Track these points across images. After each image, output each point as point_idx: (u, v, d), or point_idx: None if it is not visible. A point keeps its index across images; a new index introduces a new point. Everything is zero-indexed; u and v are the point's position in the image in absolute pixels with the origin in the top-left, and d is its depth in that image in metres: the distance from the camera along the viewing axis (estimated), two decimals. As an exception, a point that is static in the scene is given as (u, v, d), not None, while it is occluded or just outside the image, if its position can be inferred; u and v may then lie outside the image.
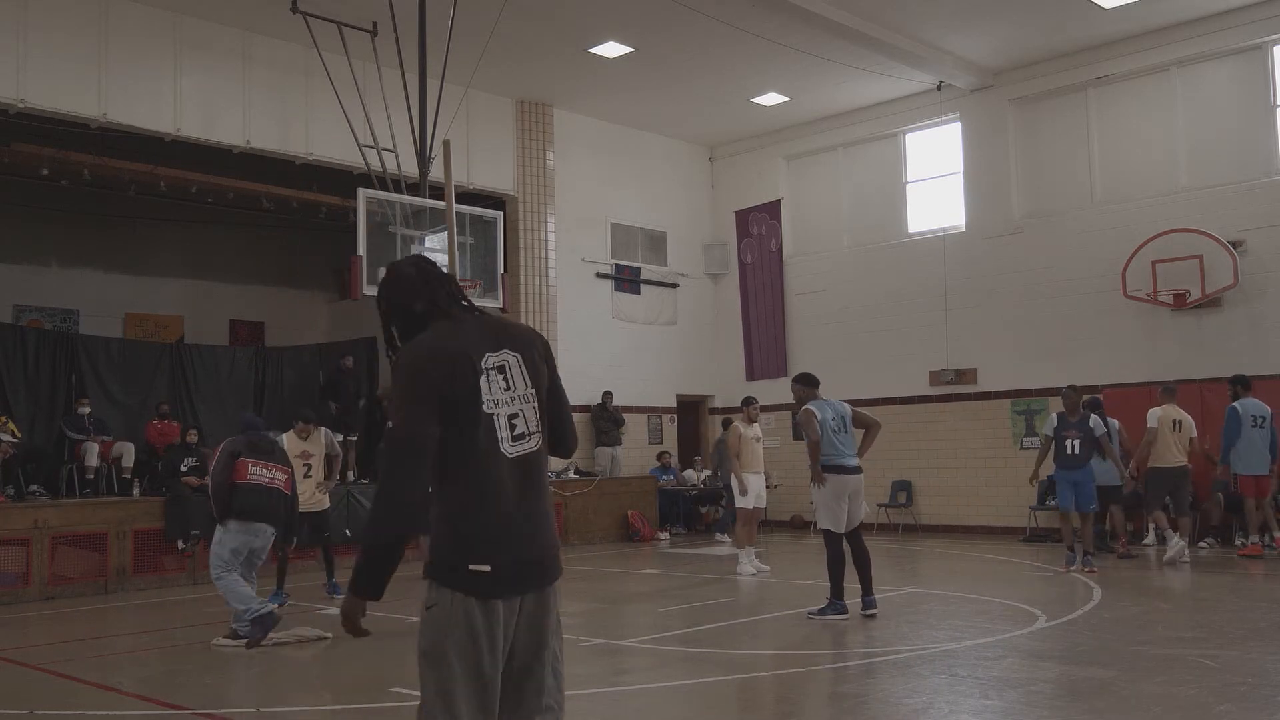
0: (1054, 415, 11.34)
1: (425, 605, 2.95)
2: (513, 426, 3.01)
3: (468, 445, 2.94)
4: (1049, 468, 11.44)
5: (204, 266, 19.28)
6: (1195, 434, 12.34)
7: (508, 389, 3.03)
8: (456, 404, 2.93)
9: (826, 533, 8.62)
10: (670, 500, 17.27)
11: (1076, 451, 10.94)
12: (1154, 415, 12.03)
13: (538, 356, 3.14)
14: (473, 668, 2.90)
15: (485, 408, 2.97)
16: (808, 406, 8.76)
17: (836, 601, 8.50)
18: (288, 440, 10.03)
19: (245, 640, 7.66)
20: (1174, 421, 12.02)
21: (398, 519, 2.87)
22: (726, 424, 17.10)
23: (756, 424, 12.04)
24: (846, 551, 8.57)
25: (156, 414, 14.27)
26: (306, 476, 9.87)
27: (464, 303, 3.20)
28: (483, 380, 2.98)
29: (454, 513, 2.95)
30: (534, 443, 3.05)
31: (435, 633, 2.92)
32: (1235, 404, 12.19)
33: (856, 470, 8.64)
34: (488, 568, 2.90)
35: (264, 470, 7.94)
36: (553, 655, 3.08)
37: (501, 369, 3.04)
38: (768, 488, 12.70)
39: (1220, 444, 12.22)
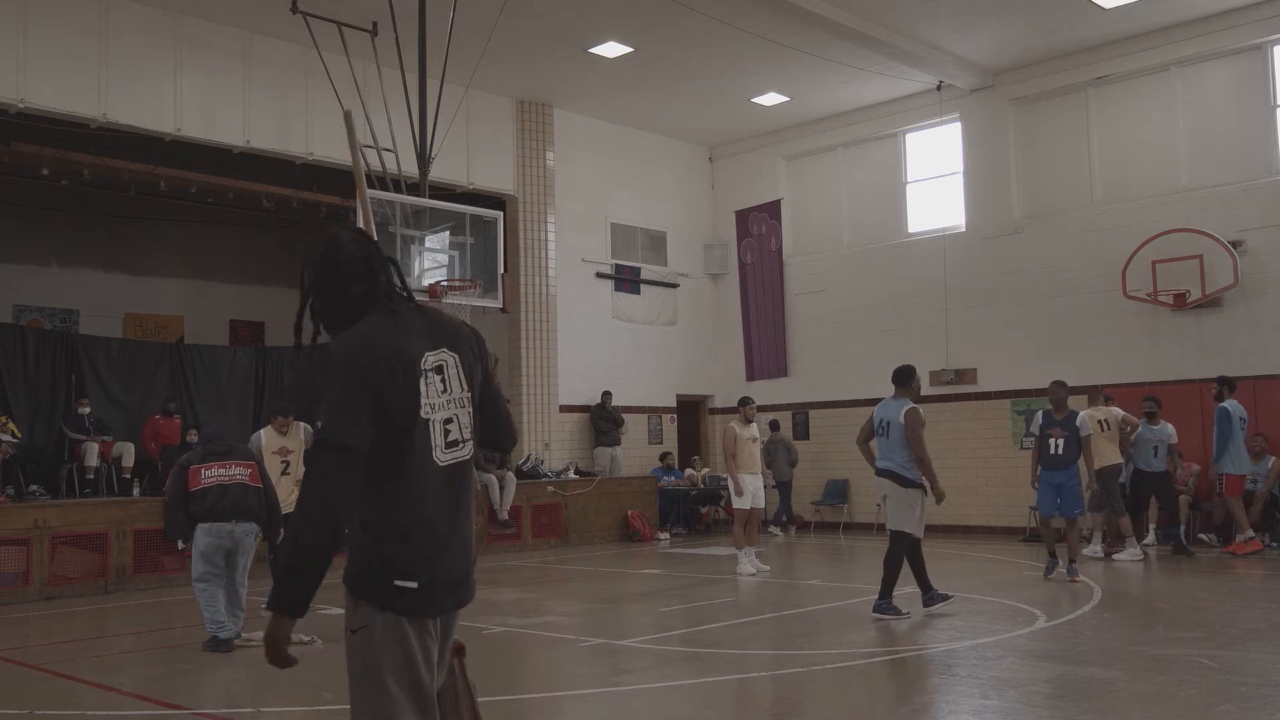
0: (1040, 413, 10.96)
1: (353, 626, 2.71)
2: (447, 433, 2.77)
3: (401, 453, 2.69)
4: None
5: (204, 266, 19.28)
6: (1124, 427, 12.57)
7: (444, 391, 2.78)
8: (394, 408, 2.67)
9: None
10: (670, 500, 17.26)
11: (1060, 451, 10.47)
12: (1082, 419, 12.08)
13: (473, 355, 2.90)
14: (412, 688, 2.71)
15: (423, 412, 2.72)
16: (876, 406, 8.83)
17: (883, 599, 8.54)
18: (265, 436, 9.47)
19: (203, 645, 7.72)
20: (1100, 423, 12.04)
21: (327, 527, 2.61)
22: (776, 426, 17.22)
23: (753, 424, 11.97)
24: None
25: (162, 411, 14.20)
26: (285, 474, 9.30)
27: (404, 293, 2.89)
28: (422, 382, 2.73)
29: (383, 525, 2.70)
30: (466, 450, 2.83)
31: (369, 656, 2.69)
32: (1225, 404, 12.27)
33: (880, 473, 8.68)
34: (415, 584, 2.69)
35: (220, 470, 7.78)
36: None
37: (440, 369, 2.79)
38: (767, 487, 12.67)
39: (1219, 445, 12.30)
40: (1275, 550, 12.60)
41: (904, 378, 8.84)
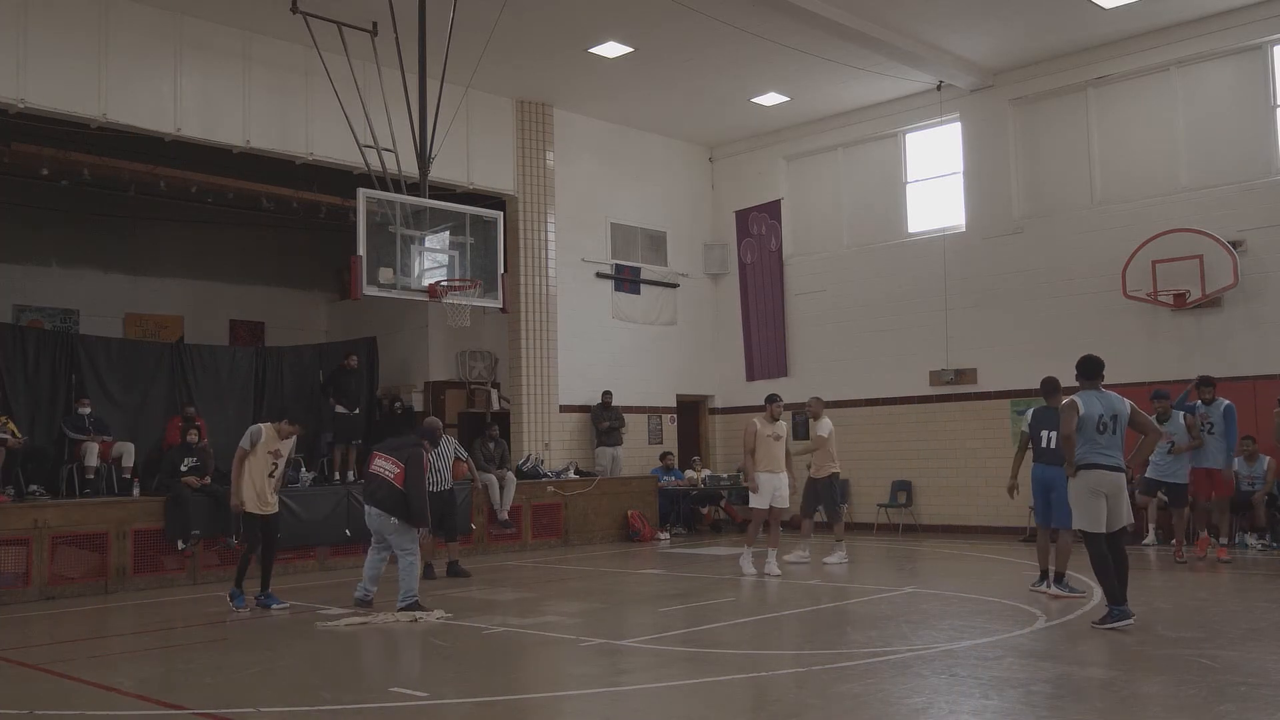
0: (1030, 410, 10.21)
1: None
2: None
3: None
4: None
5: (204, 266, 19.29)
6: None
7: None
8: None
9: (1084, 533, 7.96)
10: (670, 500, 17.26)
11: (1053, 445, 9.35)
12: (826, 426, 12.66)
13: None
14: None
15: None
16: (1072, 398, 8.08)
17: (1115, 608, 7.75)
18: (265, 432, 9.58)
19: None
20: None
21: None
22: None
23: (779, 422, 11.56)
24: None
25: (182, 417, 14.06)
26: (271, 475, 9.56)
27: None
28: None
29: None
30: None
31: None
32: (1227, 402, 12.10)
33: (1115, 469, 7.90)
34: None
35: (382, 463, 9.28)
36: None
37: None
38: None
39: (1230, 444, 11.98)
40: (1276, 551, 12.62)
41: (1089, 368, 8.31)
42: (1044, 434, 9.62)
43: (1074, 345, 14.85)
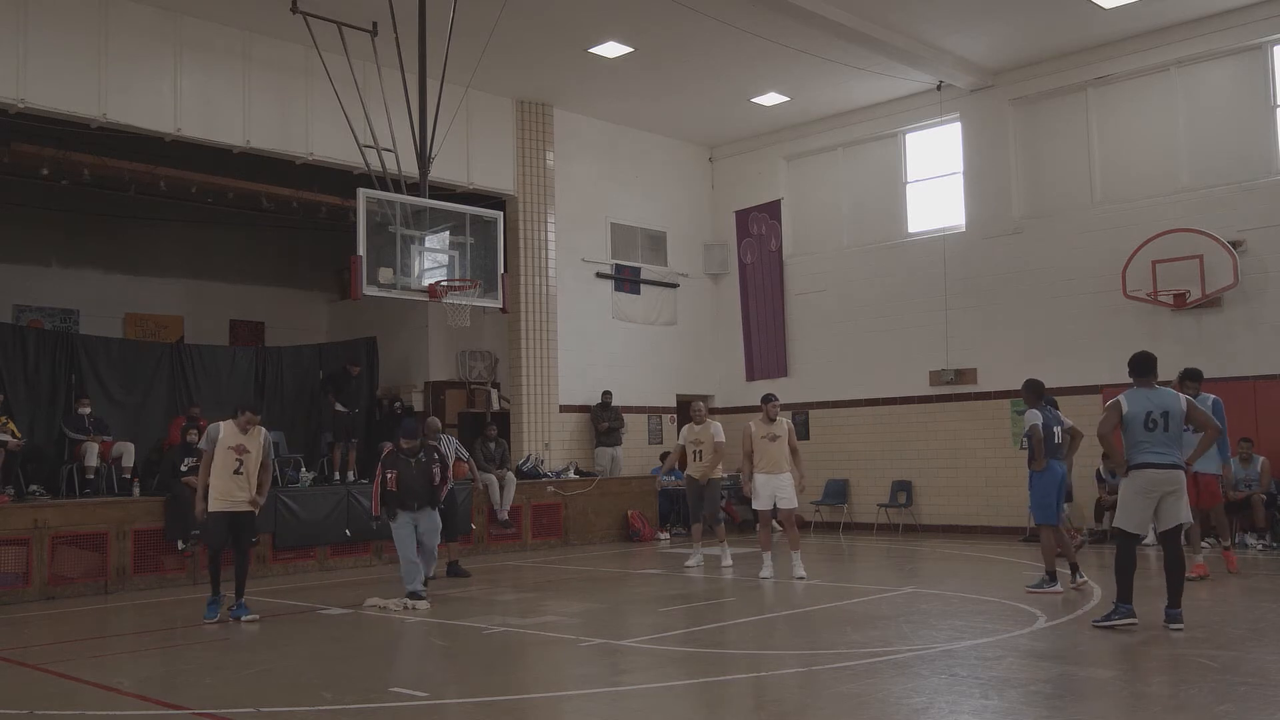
0: (1033, 411, 9.97)
1: None
2: None
3: None
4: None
5: (204, 266, 19.30)
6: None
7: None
8: None
9: (1118, 530, 7.88)
10: (670, 500, 17.25)
11: (1059, 440, 9.81)
12: (716, 429, 12.42)
13: None
14: None
15: None
16: (1117, 398, 7.92)
17: (1122, 605, 7.69)
18: (224, 429, 9.25)
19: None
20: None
21: None
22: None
23: (777, 421, 11.28)
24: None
25: (186, 417, 13.97)
26: (238, 472, 9.16)
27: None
28: None
29: None
30: None
31: None
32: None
33: (1170, 466, 7.62)
34: None
35: None
36: None
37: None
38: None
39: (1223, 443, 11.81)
40: (1277, 550, 12.62)
41: (1142, 365, 8.14)
42: (1056, 430, 9.92)
43: (1074, 345, 15.01)
